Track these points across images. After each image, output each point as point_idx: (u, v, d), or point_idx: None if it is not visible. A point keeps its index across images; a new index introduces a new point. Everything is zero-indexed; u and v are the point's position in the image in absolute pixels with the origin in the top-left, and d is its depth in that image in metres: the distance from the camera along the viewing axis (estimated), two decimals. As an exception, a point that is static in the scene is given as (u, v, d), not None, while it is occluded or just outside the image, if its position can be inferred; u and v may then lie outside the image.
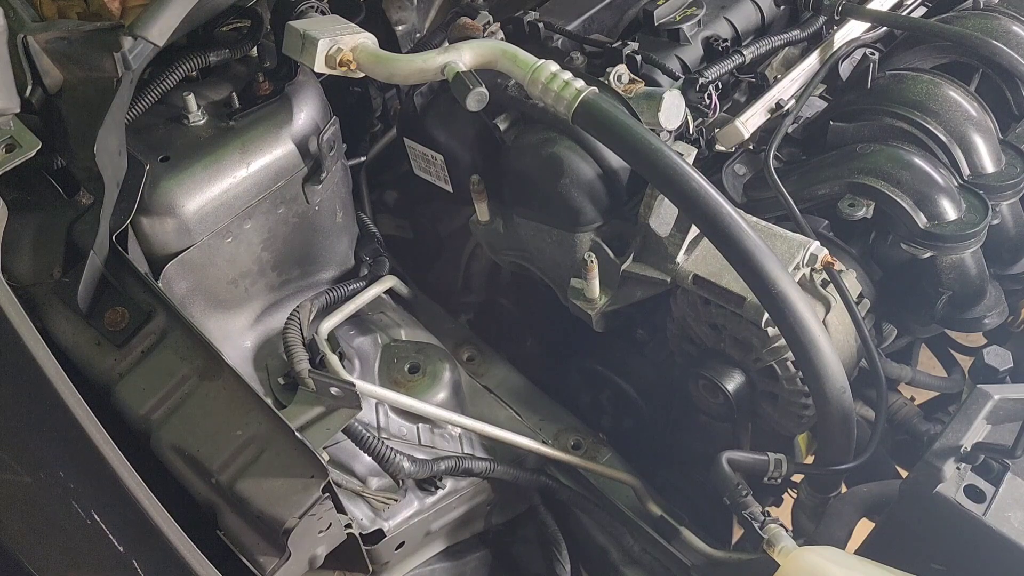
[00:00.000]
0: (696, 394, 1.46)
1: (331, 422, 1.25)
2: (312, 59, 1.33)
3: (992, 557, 1.04)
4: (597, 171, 1.43)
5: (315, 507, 1.10)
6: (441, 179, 1.66)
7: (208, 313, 1.50)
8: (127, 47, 1.25)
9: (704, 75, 1.48)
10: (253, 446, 1.12)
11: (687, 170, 1.17)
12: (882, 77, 1.51)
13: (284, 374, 1.47)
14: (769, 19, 1.70)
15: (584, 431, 1.59)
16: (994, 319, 1.45)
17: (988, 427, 1.13)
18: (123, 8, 1.74)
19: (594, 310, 1.47)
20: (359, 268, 1.70)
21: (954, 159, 1.42)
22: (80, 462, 1.05)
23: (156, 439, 1.16)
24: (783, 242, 1.33)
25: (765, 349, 1.32)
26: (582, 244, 1.46)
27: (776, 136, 1.48)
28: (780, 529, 1.20)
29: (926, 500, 1.07)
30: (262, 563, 1.09)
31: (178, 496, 1.11)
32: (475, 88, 1.23)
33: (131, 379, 1.21)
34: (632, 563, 1.50)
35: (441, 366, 1.58)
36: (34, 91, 1.30)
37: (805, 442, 1.54)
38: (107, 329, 1.24)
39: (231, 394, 1.17)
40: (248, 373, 1.49)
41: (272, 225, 1.52)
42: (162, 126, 1.48)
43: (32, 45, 1.29)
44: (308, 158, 1.51)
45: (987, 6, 1.64)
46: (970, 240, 1.35)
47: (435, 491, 1.47)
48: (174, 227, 1.40)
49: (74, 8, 1.78)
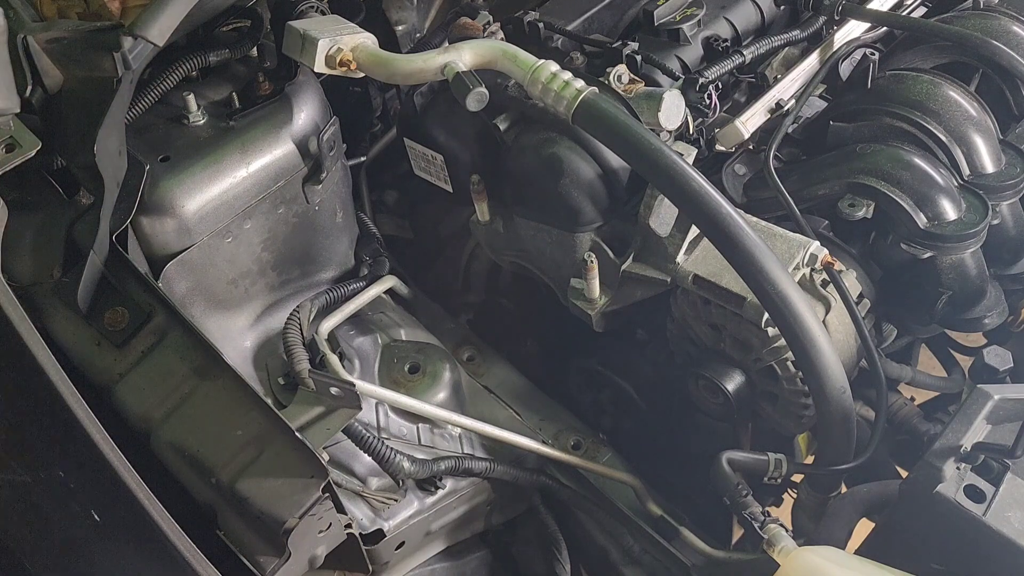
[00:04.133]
0: (696, 394, 1.46)
1: (331, 422, 1.25)
2: (312, 59, 1.33)
3: (992, 557, 1.04)
4: (597, 171, 1.43)
5: (315, 507, 1.10)
6: (441, 179, 1.66)
7: (208, 313, 1.50)
8: (127, 47, 1.25)
9: (704, 75, 1.47)
10: (253, 446, 1.12)
11: (687, 170, 1.17)
12: (882, 77, 1.51)
13: (284, 374, 1.47)
14: (769, 19, 1.70)
15: (584, 431, 1.59)
16: (994, 319, 1.45)
17: (988, 427, 1.13)
18: (123, 8, 1.75)
19: (594, 310, 1.47)
20: (359, 268, 1.70)
21: (954, 159, 1.42)
22: (80, 462, 1.05)
23: (156, 439, 1.16)
24: (783, 242, 1.33)
25: (765, 349, 1.32)
26: (582, 244, 1.46)
27: (776, 136, 1.48)
28: (780, 529, 1.20)
29: (926, 500, 1.07)
30: (262, 563, 1.09)
31: (178, 496, 1.11)
32: (475, 88, 1.23)
33: (131, 379, 1.21)
34: (632, 563, 1.50)
35: (441, 366, 1.58)
36: (34, 91, 1.30)
37: (805, 442, 1.54)
38: (107, 329, 1.24)
39: (231, 394, 1.17)
40: (248, 373, 1.49)
41: (272, 225, 1.52)
42: (162, 126, 1.48)
43: (32, 45, 1.29)
44: (308, 158, 1.51)
45: (987, 6, 1.64)
46: (970, 240, 1.35)
47: (435, 491, 1.47)
48: (174, 227, 1.40)
49: (74, 8, 1.78)
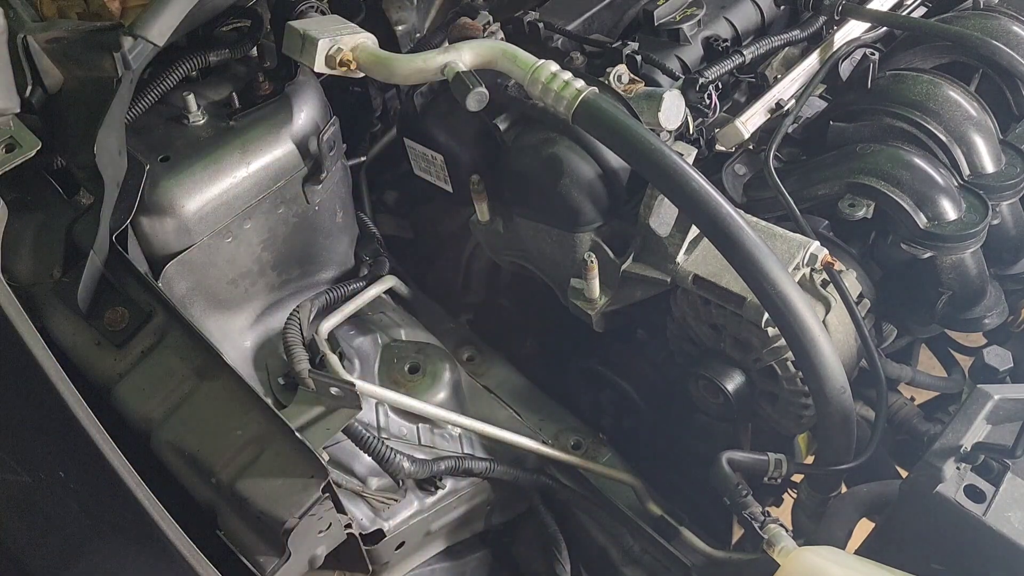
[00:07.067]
0: (696, 394, 1.46)
1: (331, 422, 1.25)
2: (312, 59, 1.33)
3: (992, 557, 1.04)
4: (597, 171, 1.43)
5: (315, 507, 1.10)
6: (441, 179, 1.66)
7: (208, 313, 1.50)
8: (127, 47, 1.25)
9: (704, 75, 1.47)
10: (253, 446, 1.12)
11: (687, 170, 1.17)
12: (882, 77, 1.51)
13: (284, 374, 1.47)
14: (769, 19, 1.70)
15: (584, 431, 1.59)
16: (994, 319, 1.45)
17: (988, 427, 1.13)
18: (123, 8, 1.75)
19: (594, 310, 1.47)
20: (359, 268, 1.70)
21: (954, 159, 1.42)
22: (80, 462, 1.05)
23: (156, 439, 1.16)
24: (783, 242, 1.33)
25: (765, 349, 1.32)
26: (582, 244, 1.46)
27: (776, 136, 1.48)
28: (780, 529, 1.20)
29: (926, 500, 1.07)
30: (262, 563, 1.09)
31: (178, 496, 1.11)
32: (475, 88, 1.23)
33: (131, 379, 1.21)
34: (632, 563, 1.50)
35: (441, 366, 1.58)
36: (34, 91, 1.30)
37: (805, 442, 1.54)
38: (107, 329, 1.24)
39: (231, 394, 1.17)
40: (248, 373, 1.49)
41: (272, 225, 1.52)
42: (162, 126, 1.48)
43: (32, 45, 1.29)
44: (308, 158, 1.51)
45: (987, 6, 1.64)
46: (970, 240, 1.35)
47: (435, 491, 1.47)
48: (174, 227, 1.40)
49: (74, 8, 1.78)
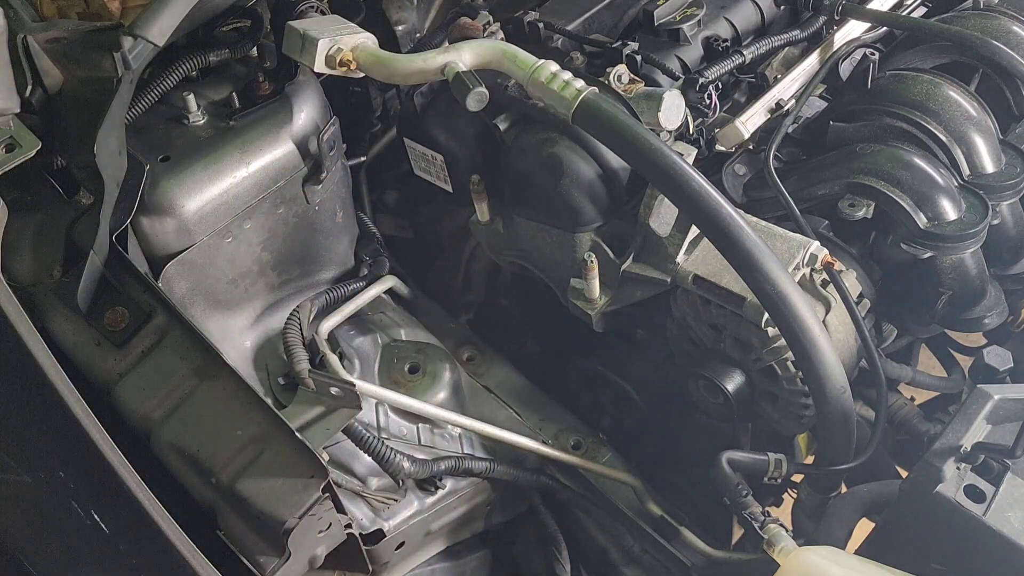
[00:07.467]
0: (696, 394, 1.46)
1: (331, 422, 1.25)
2: (312, 59, 1.33)
3: (992, 557, 1.04)
4: (597, 171, 1.43)
5: (315, 507, 1.10)
6: (441, 179, 1.66)
7: (208, 313, 1.50)
8: (127, 47, 1.25)
9: (704, 75, 1.47)
10: (253, 446, 1.12)
11: (687, 170, 1.17)
12: (882, 77, 1.51)
13: (284, 374, 1.47)
14: (769, 19, 1.70)
15: (584, 431, 1.59)
16: (994, 319, 1.45)
17: (988, 427, 1.13)
18: (123, 8, 1.75)
19: (594, 310, 1.47)
20: (359, 268, 1.70)
21: (954, 159, 1.42)
22: (80, 462, 1.05)
23: (156, 439, 1.16)
24: (783, 242, 1.33)
25: (765, 349, 1.32)
26: (582, 244, 1.46)
27: (776, 136, 1.48)
28: (780, 529, 1.20)
29: (926, 500, 1.07)
30: (262, 563, 1.09)
31: (178, 496, 1.11)
32: (475, 88, 1.23)
33: (131, 379, 1.21)
34: (632, 563, 1.50)
35: (441, 366, 1.58)
36: (34, 91, 1.30)
37: (805, 442, 1.54)
38: (107, 329, 1.24)
39: (231, 394, 1.17)
40: (248, 373, 1.49)
41: (272, 225, 1.52)
42: (162, 126, 1.48)
43: (32, 45, 1.29)
44: (308, 158, 1.51)
45: (987, 6, 1.64)
46: (970, 240, 1.35)
47: (435, 491, 1.47)
48: (174, 227, 1.40)
49: (74, 8, 1.78)
